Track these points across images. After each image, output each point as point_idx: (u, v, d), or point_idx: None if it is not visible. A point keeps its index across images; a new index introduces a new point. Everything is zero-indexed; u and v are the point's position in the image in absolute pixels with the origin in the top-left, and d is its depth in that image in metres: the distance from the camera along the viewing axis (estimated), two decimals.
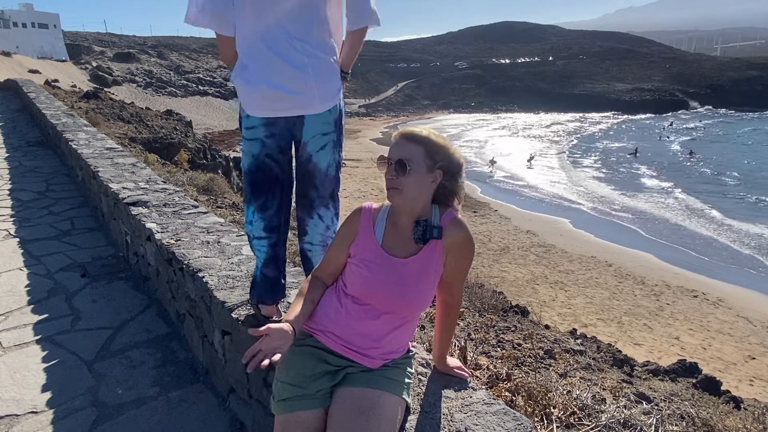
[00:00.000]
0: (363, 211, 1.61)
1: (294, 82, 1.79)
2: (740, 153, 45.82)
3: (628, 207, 27.38)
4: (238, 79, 1.83)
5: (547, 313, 12.62)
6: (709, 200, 28.88)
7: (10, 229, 4.85)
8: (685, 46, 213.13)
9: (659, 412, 2.35)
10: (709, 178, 35.17)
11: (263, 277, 2.06)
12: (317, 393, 1.45)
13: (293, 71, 1.78)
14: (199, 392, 2.45)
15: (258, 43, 1.78)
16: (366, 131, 63.77)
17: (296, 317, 1.51)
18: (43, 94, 14.17)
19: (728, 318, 13.91)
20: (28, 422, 2.22)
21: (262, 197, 1.96)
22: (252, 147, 1.90)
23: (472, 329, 3.46)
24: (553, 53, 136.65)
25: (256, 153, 1.90)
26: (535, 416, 1.82)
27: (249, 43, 1.80)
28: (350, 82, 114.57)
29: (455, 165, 1.53)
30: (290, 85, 1.79)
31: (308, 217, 2.01)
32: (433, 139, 1.51)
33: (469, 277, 7.54)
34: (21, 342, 2.88)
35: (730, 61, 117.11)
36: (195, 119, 44.57)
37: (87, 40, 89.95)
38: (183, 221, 3.49)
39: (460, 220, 1.56)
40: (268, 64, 1.78)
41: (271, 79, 1.78)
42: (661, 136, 59.31)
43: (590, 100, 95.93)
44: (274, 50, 1.77)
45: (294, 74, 1.78)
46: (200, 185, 6.05)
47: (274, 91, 1.79)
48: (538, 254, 18.68)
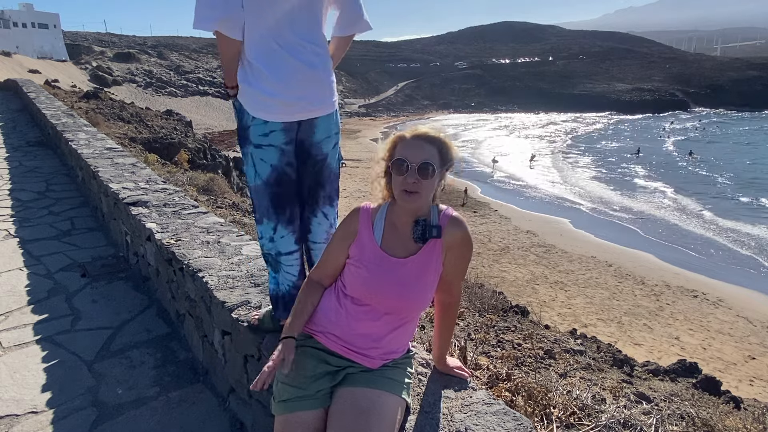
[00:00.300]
0: (361, 211, 1.59)
1: (312, 83, 1.77)
2: (739, 153, 45.86)
3: (628, 207, 27.39)
4: (256, 84, 1.73)
5: (547, 313, 12.62)
6: (708, 201, 28.93)
7: (10, 229, 4.85)
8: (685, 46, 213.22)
9: (659, 412, 2.35)
10: (709, 179, 35.20)
11: (296, 291, 1.86)
12: (317, 393, 1.45)
13: (310, 72, 1.75)
14: (199, 392, 2.45)
15: (272, 45, 1.71)
16: (366, 131, 63.76)
17: (297, 328, 1.54)
18: (43, 94, 14.17)
19: (728, 318, 13.92)
20: (28, 422, 2.21)
21: (288, 209, 1.85)
22: (269, 155, 1.77)
23: (472, 329, 3.46)
24: (553, 53, 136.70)
25: (275, 162, 1.78)
26: (535, 416, 1.82)
27: (262, 45, 1.72)
28: (350, 82, 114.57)
29: (455, 163, 1.53)
30: (309, 87, 1.76)
31: (313, 215, 1.96)
32: (443, 139, 1.49)
33: (469, 277, 7.54)
34: (21, 342, 2.88)
35: (730, 61, 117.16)
36: (195, 119, 44.59)
37: (87, 40, 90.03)
38: (183, 221, 3.49)
39: (459, 218, 1.55)
40: (286, 65, 1.72)
41: (290, 82, 1.73)
42: (660, 136, 59.37)
43: (590, 100, 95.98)
44: (290, 51, 1.72)
45: (311, 75, 1.76)
46: (200, 185, 6.05)
47: (295, 93, 1.74)
48: (538, 254, 18.68)
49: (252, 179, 1.82)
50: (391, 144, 1.53)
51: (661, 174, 36.80)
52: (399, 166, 1.45)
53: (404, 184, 1.44)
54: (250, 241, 3.10)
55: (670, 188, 32.01)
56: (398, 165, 1.45)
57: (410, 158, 1.44)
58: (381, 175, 1.57)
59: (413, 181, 1.43)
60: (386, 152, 1.53)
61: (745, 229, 23.42)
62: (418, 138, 1.48)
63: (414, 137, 1.48)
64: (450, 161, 1.50)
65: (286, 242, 1.89)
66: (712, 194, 30.48)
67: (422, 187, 1.44)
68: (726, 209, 26.92)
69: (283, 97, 1.72)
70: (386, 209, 1.57)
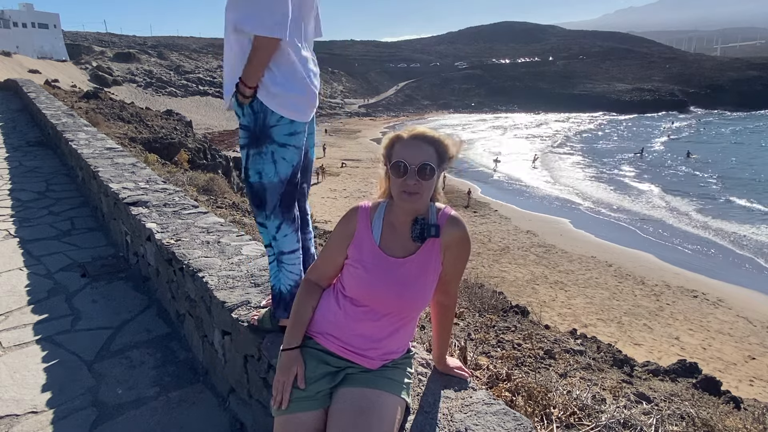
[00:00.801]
0: (359, 211, 1.57)
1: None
2: (739, 153, 45.86)
3: (628, 207, 27.39)
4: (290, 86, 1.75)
5: (547, 313, 12.62)
6: (708, 201, 28.93)
7: (10, 229, 4.85)
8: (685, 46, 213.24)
9: (659, 412, 2.35)
10: (708, 180, 35.19)
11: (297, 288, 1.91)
12: (317, 394, 1.45)
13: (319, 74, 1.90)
14: (199, 392, 2.45)
15: (304, 48, 1.81)
16: (366, 131, 63.77)
17: (300, 336, 1.55)
18: (43, 94, 14.17)
19: (728, 318, 13.92)
20: (28, 422, 2.21)
21: (293, 207, 1.91)
22: (291, 155, 1.82)
23: (472, 329, 3.46)
24: (553, 53, 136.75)
25: (296, 162, 1.83)
26: (535, 416, 1.82)
27: (297, 50, 1.78)
28: (350, 82, 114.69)
29: (453, 162, 1.52)
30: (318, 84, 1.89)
31: (306, 208, 2.04)
32: (440, 138, 1.49)
33: (469, 277, 7.54)
34: (21, 342, 2.88)
35: (730, 61, 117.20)
36: (195, 119, 44.60)
37: (87, 40, 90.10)
38: (183, 221, 3.49)
39: (457, 217, 1.54)
40: (314, 69, 1.84)
41: (317, 86, 1.84)
42: (660, 136, 59.38)
43: (590, 100, 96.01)
44: (313, 55, 1.86)
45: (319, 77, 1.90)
46: (200, 185, 6.06)
47: (316, 90, 1.84)
48: (538, 254, 18.69)
49: (270, 176, 1.81)
50: (389, 144, 1.51)
51: (660, 174, 36.81)
52: (398, 169, 1.44)
53: (404, 186, 1.43)
54: (250, 241, 3.10)
55: (669, 188, 32.02)
56: (397, 167, 1.44)
57: (409, 160, 1.43)
58: (383, 176, 1.56)
59: (413, 182, 1.42)
60: (384, 153, 1.52)
61: (744, 229, 23.42)
62: (416, 138, 1.46)
63: (411, 137, 1.47)
64: (448, 160, 1.49)
65: (289, 241, 1.90)
66: (711, 195, 30.51)
67: (422, 188, 1.43)
68: (725, 209, 26.95)
69: (315, 100, 1.84)
70: (384, 209, 1.56)
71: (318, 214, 18.86)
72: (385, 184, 1.57)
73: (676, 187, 32.45)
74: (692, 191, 31.18)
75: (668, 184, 33.39)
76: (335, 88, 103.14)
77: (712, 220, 25.08)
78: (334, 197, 26.41)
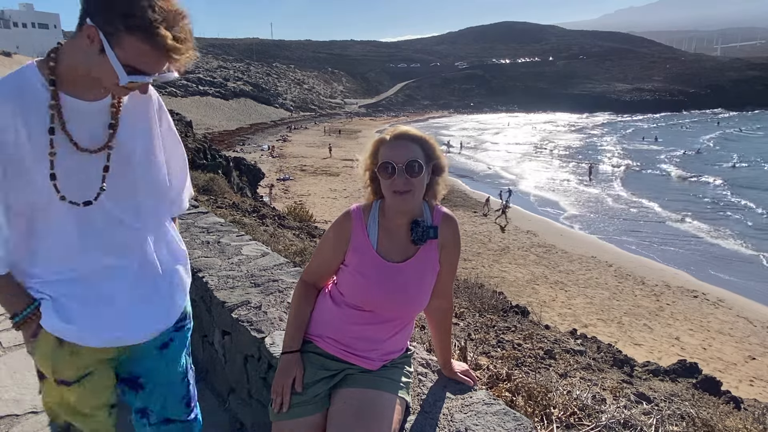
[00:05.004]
0: (353, 215, 1.54)
1: None
2: (738, 154, 45.85)
3: (628, 207, 27.40)
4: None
5: (547, 313, 12.61)
6: (708, 201, 28.94)
7: None
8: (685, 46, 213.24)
9: (659, 412, 2.35)
10: (707, 180, 35.20)
11: None
12: (315, 398, 1.44)
13: None
14: (199, 392, 2.44)
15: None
16: (366, 131, 63.75)
17: (299, 339, 1.54)
18: None
19: (728, 318, 13.91)
20: (28, 422, 2.21)
21: None
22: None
23: (472, 329, 3.46)
24: (553, 53, 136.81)
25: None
26: (535, 416, 1.82)
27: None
28: (350, 82, 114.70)
29: (443, 162, 1.52)
30: None
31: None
32: (424, 136, 1.49)
33: (469, 277, 7.54)
34: (21, 342, 2.88)
35: (730, 62, 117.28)
36: (195, 119, 44.50)
37: None
38: (183, 221, 3.49)
39: (450, 215, 1.55)
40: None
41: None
42: (660, 135, 59.40)
43: (590, 100, 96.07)
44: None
45: None
46: (200, 185, 6.06)
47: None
48: (538, 254, 18.67)
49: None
50: (373, 149, 1.50)
51: (660, 174, 36.82)
52: (385, 170, 1.43)
53: (394, 186, 1.42)
54: (250, 241, 3.10)
55: (669, 189, 32.06)
56: (384, 168, 1.43)
57: (395, 159, 1.42)
58: (368, 183, 1.55)
59: (403, 181, 1.41)
60: (369, 158, 1.51)
61: (742, 229, 23.41)
62: (400, 138, 1.46)
63: (395, 137, 1.47)
64: (436, 158, 1.49)
65: None
66: (711, 195, 30.54)
67: (413, 186, 1.42)
68: (723, 209, 26.98)
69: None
70: (378, 211, 1.54)
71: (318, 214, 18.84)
72: (372, 192, 1.55)
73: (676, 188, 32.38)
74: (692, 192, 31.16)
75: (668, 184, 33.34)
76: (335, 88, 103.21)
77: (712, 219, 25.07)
78: (334, 197, 26.37)
